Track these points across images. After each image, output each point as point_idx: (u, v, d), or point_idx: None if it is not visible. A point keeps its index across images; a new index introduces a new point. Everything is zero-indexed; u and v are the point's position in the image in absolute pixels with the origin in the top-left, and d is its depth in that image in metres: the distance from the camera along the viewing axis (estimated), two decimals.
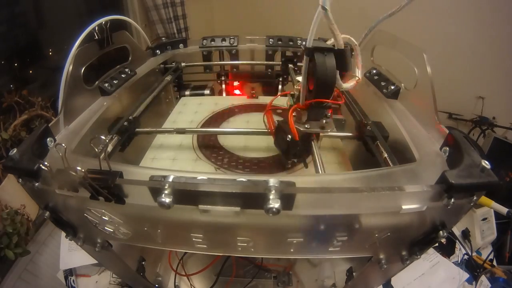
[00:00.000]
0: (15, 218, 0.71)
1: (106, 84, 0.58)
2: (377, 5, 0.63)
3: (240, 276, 0.69)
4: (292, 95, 0.45)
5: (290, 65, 0.70)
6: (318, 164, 0.41)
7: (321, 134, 0.45)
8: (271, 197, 0.28)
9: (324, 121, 0.41)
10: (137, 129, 0.55)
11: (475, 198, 0.32)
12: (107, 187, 0.31)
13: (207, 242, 0.38)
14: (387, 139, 0.49)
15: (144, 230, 0.38)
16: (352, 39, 0.39)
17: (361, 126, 0.52)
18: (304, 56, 0.37)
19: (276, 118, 0.48)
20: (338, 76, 0.38)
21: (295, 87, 0.41)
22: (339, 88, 0.40)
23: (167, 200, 0.29)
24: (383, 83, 0.58)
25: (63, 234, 0.42)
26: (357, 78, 0.39)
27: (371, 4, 0.63)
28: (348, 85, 0.39)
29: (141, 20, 1.46)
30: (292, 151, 0.43)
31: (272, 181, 0.29)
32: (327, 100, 0.38)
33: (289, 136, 0.41)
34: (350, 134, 0.54)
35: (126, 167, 0.35)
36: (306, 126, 0.41)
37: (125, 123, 0.53)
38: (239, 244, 0.37)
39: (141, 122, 0.57)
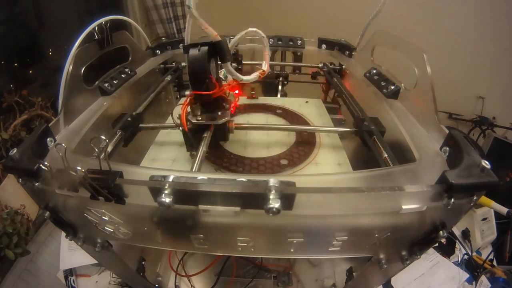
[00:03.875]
0: (15, 218, 0.71)
1: (106, 84, 0.58)
2: (377, 6, 0.63)
3: (240, 276, 0.69)
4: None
5: None
6: (197, 158, 0.42)
7: (231, 125, 0.48)
8: (271, 197, 0.28)
9: (219, 112, 0.44)
10: (140, 125, 0.56)
11: (475, 198, 0.32)
12: (107, 187, 0.31)
13: (207, 242, 0.38)
14: (383, 134, 0.49)
15: (144, 230, 0.38)
16: (259, 31, 0.40)
17: (358, 121, 0.52)
18: (185, 55, 0.40)
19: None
20: (230, 68, 0.39)
21: None
22: (238, 80, 0.42)
23: (167, 200, 0.29)
24: (383, 83, 0.58)
25: (63, 234, 0.42)
26: (261, 70, 0.41)
27: (371, 5, 0.63)
28: (248, 77, 0.40)
29: (141, 20, 1.46)
30: (187, 142, 0.47)
31: (272, 181, 0.29)
32: (204, 92, 0.40)
33: (180, 128, 0.44)
34: (348, 129, 0.54)
35: (126, 167, 0.35)
36: (198, 118, 0.44)
37: (129, 119, 0.53)
38: (239, 244, 0.37)
39: (143, 120, 0.58)
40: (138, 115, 0.56)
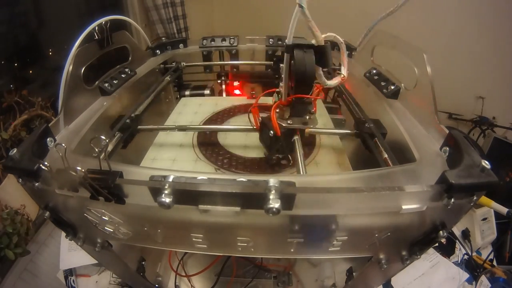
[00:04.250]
0: (15, 218, 0.71)
1: (106, 84, 0.58)
2: (377, 6, 0.63)
3: (240, 276, 0.69)
4: (278, 93, 0.45)
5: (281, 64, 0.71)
6: (300, 162, 0.41)
7: (306, 130, 0.46)
8: (271, 197, 0.28)
9: (307, 117, 0.42)
10: (139, 127, 0.55)
11: (475, 198, 0.32)
12: (107, 187, 0.31)
13: (207, 242, 0.38)
14: (385, 136, 0.49)
15: (144, 230, 0.38)
16: (338, 36, 0.39)
17: (359, 123, 0.52)
18: (285, 54, 0.38)
19: (262, 115, 0.49)
20: (321, 72, 0.38)
21: (280, 84, 0.43)
22: (323, 85, 0.40)
23: (167, 200, 0.29)
24: (383, 83, 0.58)
25: (63, 234, 0.42)
26: (342, 76, 0.39)
27: (371, 5, 0.63)
28: (332, 82, 0.39)
29: (141, 20, 1.46)
30: (274, 146, 0.44)
31: (272, 181, 0.29)
32: (306, 96, 0.39)
33: (271, 131, 0.42)
34: (349, 131, 0.54)
35: (126, 167, 0.35)
36: (289, 122, 0.42)
37: (128, 121, 0.53)
38: (239, 244, 0.37)
39: (142, 122, 0.58)
40: (136, 116, 0.56)
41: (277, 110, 0.43)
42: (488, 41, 1.41)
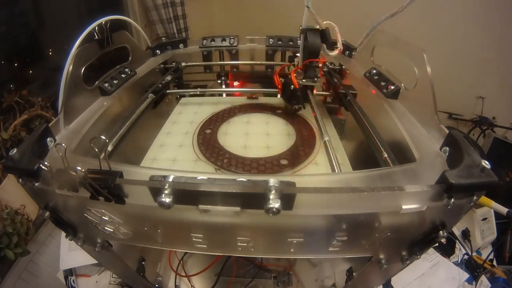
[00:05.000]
0: (15, 218, 0.71)
1: (106, 84, 0.58)
2: (377, 6, 0.63)
3: (240, 276, 0.69)
4: (293, 64, 0.63)
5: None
6: (313, 103, 0.60)
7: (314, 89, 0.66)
8: (271, 197, 0.28)
9: (315, 78, 0.58)
10: (167, 91, 0.70)
11: (475, 198, 0.32)
12: (107, 187, 0.31)
13: (207, 242, 0.38)
14: (356, 96, 0.62)
15: (144, 230, 0.38)
16: (332, 23, 0.54)
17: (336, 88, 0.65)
18: (301, 35, 0.55)
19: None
20: (324, 47, 0.55)
21: (295, 59, 0.62)
22: (326, 55, 0.56)
23: (167, 200, 0.29)
24: (383, 83, 0.58)
25: (63, 234, 0.42)
26: (339, 48, 0.53)
27: (372, 5, 0.63)
28: (332, 53, 0.54)
29: (141, 20, 1.46)
30: (294, 97, 0.60)
31: (272, 181, 0.29)
32: (315, 59, 0.56)
33: (292, 86, 0.57)
34: (327, 93, 0.70)
35: (126, 167, 0.35)
36: (303, 80, 0.58)
37: (160, 85, 0.66)
38: (239, 244, 0.37)
39: (141, 122, 0.58)
40: (167, 82, 0.70)
41: (295, 74, 0.58)
42: (488, 41, 1.42)
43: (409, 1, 0.53)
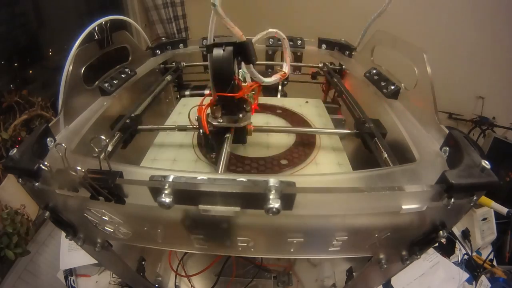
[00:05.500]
0: (15, 218, 0.71)
1: (106, 84, 0.58)
2: (377, 6, 0.63)
3: (240, 276, 0.69)
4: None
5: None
6: (221, 160, 0.41)
7: (249, 127, 0.47)
8: (271, 197, 0.28)
9: (240, 115, 0.43)
10: (139, 127, 0.55)
11: (475, 198, 0.32)
12: (107, 187, 0.31)
13: (207, 242, 0.38)
14: (385, 136, 0.49)
15: (144, 230, 0.38)
16: (280, 32, 0.39)
17: (359, 123, 0.52)
18: (208, 54, 0.38)
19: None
20: (253, 69, 0.38)
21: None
22: (259, 82, 0.40)
23: (167, 200, 0.29)
24: (383, 83, 0.58)
25: (63, 234, 0.42)
26: (282, 72, 0.39)
27: (372, 6, 0.63)
28: (269, 79, 0.39)
29: (141, 20, 1.46)
30: (205, 144, 0.45)
31: (272, 181, 0.29)
32: (224, 94, 0.38)
33: (201, 130, 0.43)
34: (349, 131, 0.54)
35: (126, 167, 0.35)
36: (220, 121, 0.43)
37: (127, 121, 0.53)
38: (239, 244, 0.37)
39: (142, 122, 0.57)
40: (136, 116, 0.56)
41: (208, 111, 0.44)
42: (488, 41, 1.41)
43: None
